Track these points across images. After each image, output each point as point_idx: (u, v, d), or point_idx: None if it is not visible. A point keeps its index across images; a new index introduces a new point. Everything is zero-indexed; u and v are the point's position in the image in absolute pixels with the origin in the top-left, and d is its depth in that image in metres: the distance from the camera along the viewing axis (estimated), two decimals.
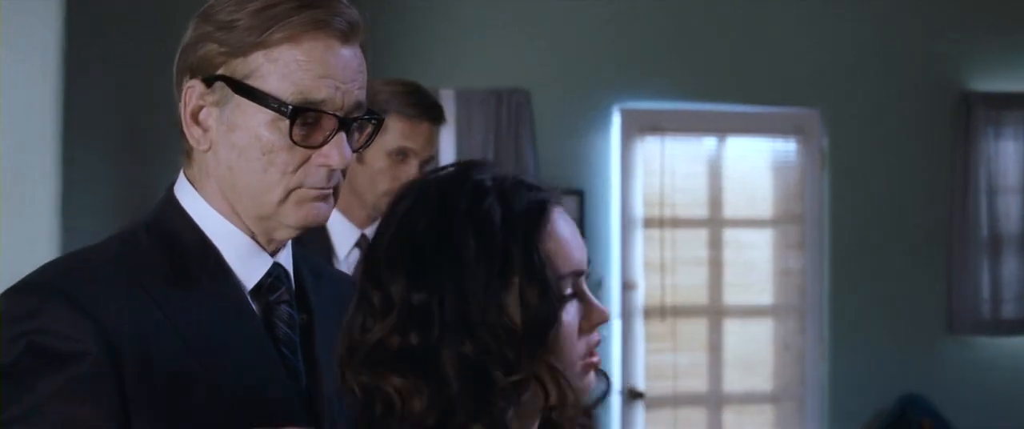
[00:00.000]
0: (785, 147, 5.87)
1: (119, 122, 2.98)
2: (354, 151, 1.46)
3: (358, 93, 1.45)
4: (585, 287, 1.37)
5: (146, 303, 1.37)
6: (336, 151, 1.42)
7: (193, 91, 1.43)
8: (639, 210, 5.71)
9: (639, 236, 5.71)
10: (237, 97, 1.40)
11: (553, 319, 1.29)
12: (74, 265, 1.43)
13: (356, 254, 2.85)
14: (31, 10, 2.40)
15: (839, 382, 5.76)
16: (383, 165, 2.81)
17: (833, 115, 5.80)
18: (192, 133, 1.44)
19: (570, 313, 1.32)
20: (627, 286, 5.64)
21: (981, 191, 5.77)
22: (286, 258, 1.53)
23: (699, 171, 5.76)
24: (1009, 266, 5.81)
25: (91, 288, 1.36)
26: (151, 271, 1.40)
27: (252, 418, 1.38)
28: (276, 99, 1.39)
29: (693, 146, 5.82)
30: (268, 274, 1.48)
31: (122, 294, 1.37)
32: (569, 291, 1.33)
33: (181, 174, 1.50)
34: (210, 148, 1.44)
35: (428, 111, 2.86)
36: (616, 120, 5.69)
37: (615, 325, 5.73)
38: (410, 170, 2.82)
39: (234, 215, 1.46)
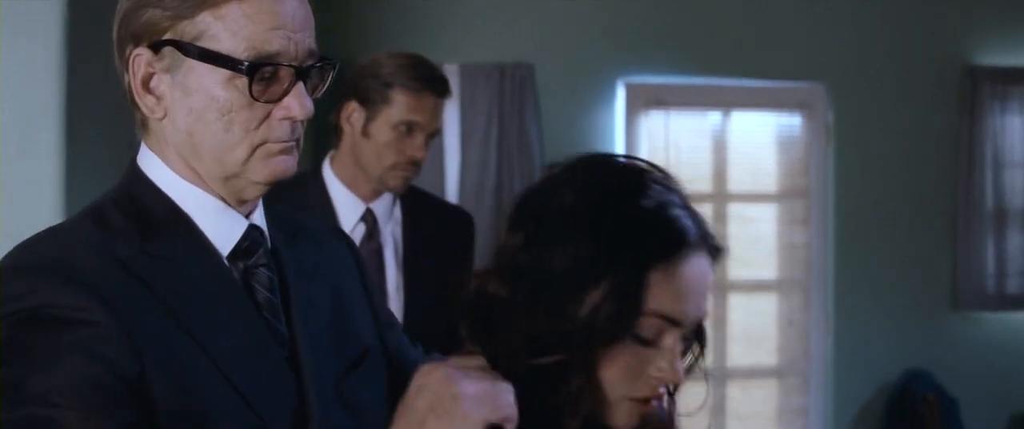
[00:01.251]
0: (790, 121, 5.86)
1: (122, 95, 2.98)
2: (313, 98, 1.44)
3: (310, 41, 1.43)
4: (670, 341, 1.33)
5: (130, 282, 1.35)
6: (297, 102, 1.40)
7: (140, 59, 1.39)
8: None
9: None
10: (189, 60, 1.37)
11: (603, 339, 1.29)
12: (53, 246, 1.38)
13: (362, 228, 2.85)
14: None
15: (843, 357, 5.76)
16: (389, 139, 2.80)
17: (838, 90, 5.78)
18: (145, 102, 1.41)
19: (632, 351, 1.32)
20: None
21: (986, 166, 5.75)
22: (260, 218, 1.51)
23: (704, 145, 5.75)
24: (1014, 241, 5.80)
25: (73, 264, 1.33)
26: (128, 248, 1.37)
27: (249, 390, 1.38)
28: (230, 58, 1.36)
29: (698, 120, 5.80)
30: (244, 237, 1.46)
31: (107, 274, 1.34)
32: (648, 332, 1.32)
33: (142, 145, 1.46)
34: (165, 115, 1.41)
35: (433, 84, 2.84)
36: (620, 94, 5.68)
37: None
38: (416, 143, 2.81)
39: (200, 180, 1.43)
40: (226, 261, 1.45)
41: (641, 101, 5.72)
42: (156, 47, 1.38)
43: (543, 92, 5.57)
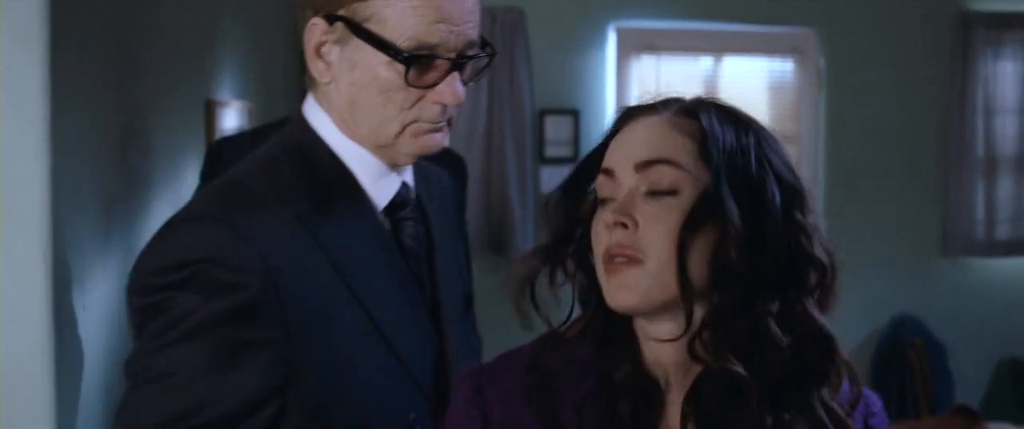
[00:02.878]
0: (782, 67, 5.83)
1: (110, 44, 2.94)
2: (465, 84, 1.52)
3: (472, 32, 1.51)
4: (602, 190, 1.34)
5: (301, 232, 1.45)
6: (449, 90, 1.49)
7: (316, 28, 1.48)
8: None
9: None
10: (356, 38, 1.46)
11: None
12: (235, 195, 1.48)
13: None
14: None
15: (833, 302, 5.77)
16: None
17: (830, 35, 5.75)
18: (315, 66, 1.50)
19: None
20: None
21: (978, 112, 5.74)
22: (409, 176, 1.61)
23: (695, 91, 5.68)
24: (1004, 188, 5.81)
25: (255, 219, 1.43)
26: (299, 199, 1.47)
27: (396, 340, 1.50)
28: (392, 46, 1.45)
29: (689, 65, 5.78)
30: (397, 193, 1.57)
31: (280, 224, 1.44)
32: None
33: (311, 101, 1.56)
34: (332, 81, 1.51)
35: None
36: (611, 39, 5.64)
37: None
38: None
39: (363, 141, 1.54)
40: (381, 215, 1.56)
41: (632, 46, 5.68)
42: (330, 19, 1.47)
43: (533, 36, 5.53)
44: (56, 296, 2.24)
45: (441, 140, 1.55)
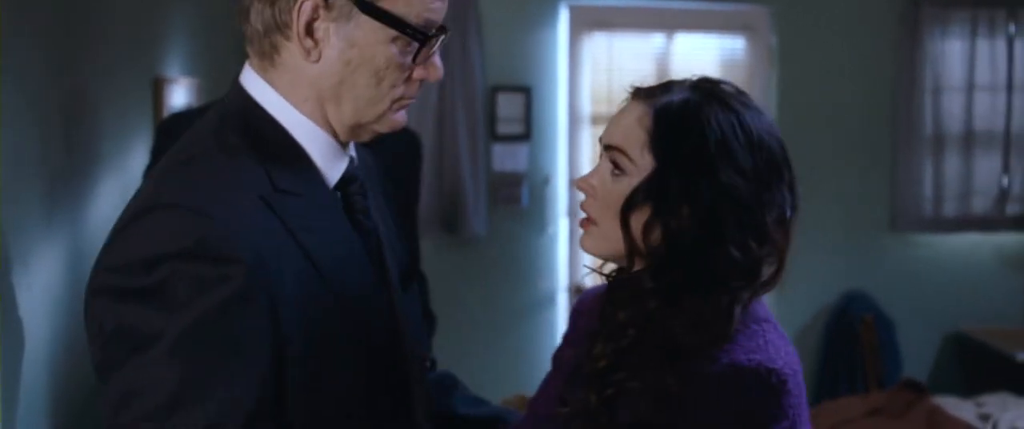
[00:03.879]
0: (734, 44, 5.85)
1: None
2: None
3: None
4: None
5: (268, 214, 1.41)
6: (434, 66, 1.52)
7: (308, 5, 1.44)
8: (586, 107, 5.69)
9: (586, 133, 5.69)
10: (361, 16, 1.45)
11: None
12: (199, 181, 1.42)
13: None
14: None
15: (783, 278, 5.81)
16: None
17: (782, 13, 5.77)
18: (303, 44, 1.46)
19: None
20: (574, 183, 5.63)
21: (926, 90, 5.79)
22: (353, 150, 1.60)
23: (647, 68, 5.72)
24: (951, 165, 5.87)
25: (227, 205, 1.38)
26: (258, 176, 1.43)
27: (365, 319, 1.49)
28: (409, 25, 1.46)
29: (641, 43, 5.78)
30: (346, 169, 1.55)
31: (251, 208, 1.40)
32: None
33: (253, 75, 1.51)
34: (319, 60, 1.47)
35: None
36: (564, 16, 5.63)
37: (562, 223, 5.73)
38: None
39: (322, 120, 1.51)
40: (333, 191, 1.54)
41: (584, 23, 5.68)
42: None
43: (485, 13, 5.51)
44: None
45: (406, 117, 1.56)
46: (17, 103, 2.50)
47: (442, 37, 1.52)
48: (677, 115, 1.54)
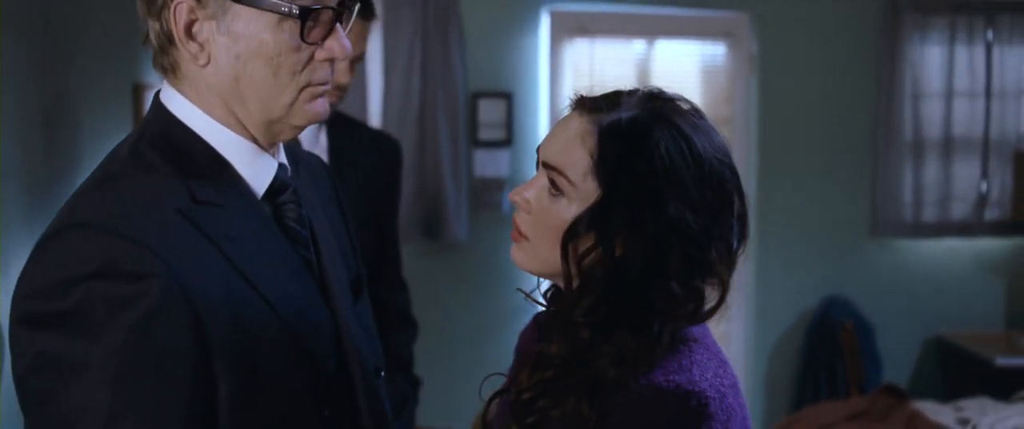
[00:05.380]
0: (714, 51, 5.87)
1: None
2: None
3: None
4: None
5: (184, 224, 1.36)
6: (337, 44, 1.45)
7: (182, 7, 1.39)
8: (567, 113, 5.69)
9: None
10: (235, 6, 1.39)
11: None
12: (113, 199, 1.37)
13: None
14: None
15: (764, 284, 5.84)
16: None
17: (762, 19, 5.79)
18: (188, 49, 1.41)
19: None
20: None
21: (906, 96, 5.82)
22: (282, 156, 1.55)
23: (628, 74, 5.73)
24: (931, 171, 5.89)
25: (139, 218, 1.34)
26: (176, 190, 1.39)
27: (300, 327, 1.43)
28: (281, 3, 1.38)
29: (622, 49, 5.79)
30: (275, 177, 1.50)
31: (164, 219, 1.35)
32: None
33: (169, 90, 1.47)
34: (209, 62, 1.42)
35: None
36: (545, 22, 5.64)
37: None
38: (341, 67, 2.76)
39: (237, 124, 1.46)
40: (261, 201, 1.49)
41: (565, 29, 5.68)
42: None
43: (467, 19, 5.51)
44: None
45: (327, 106, 1.50)
46: None
47: (340, 11, 1.44)
48: (623, 139, 1.46)
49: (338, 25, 1.45)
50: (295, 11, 1.39)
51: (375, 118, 5.40)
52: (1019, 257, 6.06)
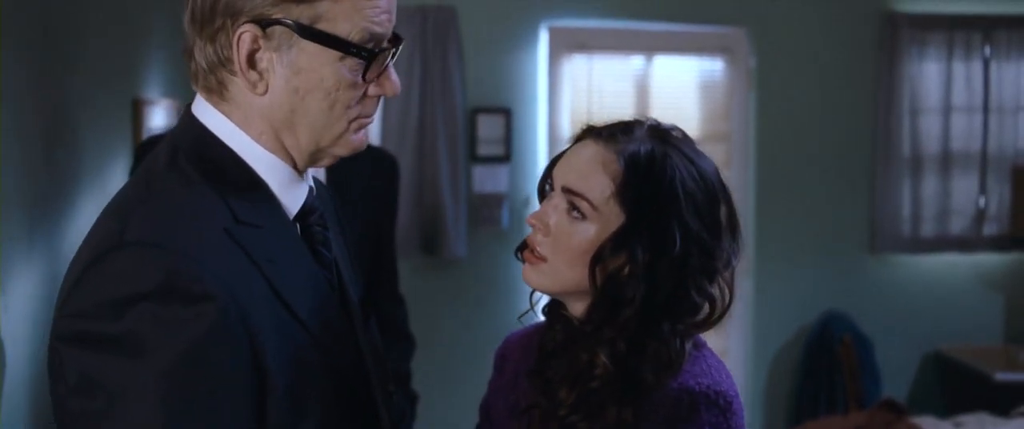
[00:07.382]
0: (712, 66, 5.88)
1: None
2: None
3: (395, 18, 1.48)
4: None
5: (232, 246, 1.35)
6: (390, 82, 1.48)
7: (247, 36, 1.39)
8: (566, 128, 5.71)
9: None
10: (302, 41, 1.40)
11: None
12: (164, 217, 1.35)
13: None
14: None
15: (763, 299, 5.84)
16: None
17: (760, 35, 5.81)
18: (248, 77, 1.41)
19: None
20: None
21: (904, 112, 5.83)
22: (310, 179, 1.56)
23: (626, 90, 5.75)
24: (929, 186, 5.90)
25: (196, 241, 1.32)
26: (219, 208, 1.38)
27: (332, 355, 1.44)
28: (351, 43, 1.40)
29: (620, 64, 5.81)
30: (305, 200, 1.51)
31: (219, 243, 1.35)
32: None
33: (206, 106, 1.46)
34: (266, 91, 1.43)
35: None
36: (543, 38, 5.66)
37: None
38: None
39: (281, 149, 1.47)
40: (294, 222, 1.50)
41: (564, 45, 5.70)
42: (263, 25, 1.39)
43: (466, 35, 5.53)
44: None
45: (367, 138, 1.52)
46: None
47: (394, 50, 1.46)
48: (646, 167, 1.58)
49: (391, 64, 1.47)
50: (363, 53, 1.41)
51: (374, 133, 5.41)
52: (1018, 272, 6.06)
